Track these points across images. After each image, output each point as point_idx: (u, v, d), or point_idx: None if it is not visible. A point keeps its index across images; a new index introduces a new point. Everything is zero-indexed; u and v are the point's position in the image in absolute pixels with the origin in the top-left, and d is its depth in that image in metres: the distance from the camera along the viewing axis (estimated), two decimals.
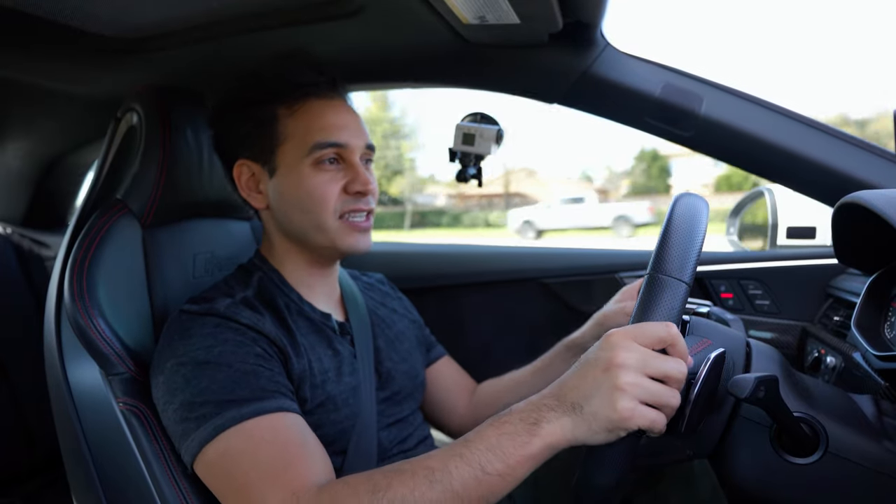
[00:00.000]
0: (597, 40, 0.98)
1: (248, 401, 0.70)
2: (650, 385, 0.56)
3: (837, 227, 0.84)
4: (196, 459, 0.71)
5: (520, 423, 0.59)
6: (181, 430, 0.72)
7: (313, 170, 0.84)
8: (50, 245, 1.66)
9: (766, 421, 0.62)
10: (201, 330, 0.76)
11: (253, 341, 0.76)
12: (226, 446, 0.68)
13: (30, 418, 1.54)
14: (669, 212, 0.63)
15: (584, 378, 0.58)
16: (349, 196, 0.86)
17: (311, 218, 0.85)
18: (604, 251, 1.46)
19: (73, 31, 0.85)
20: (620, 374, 0.56)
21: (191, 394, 0.71)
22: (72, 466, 0.84)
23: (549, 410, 0.59)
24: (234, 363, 0.73)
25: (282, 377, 0.77)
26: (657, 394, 0.56)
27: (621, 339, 0.58)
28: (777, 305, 1.21)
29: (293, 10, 0.85)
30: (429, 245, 1.71)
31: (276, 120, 0.86)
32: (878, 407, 0.67)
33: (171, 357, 0.75)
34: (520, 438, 0.59)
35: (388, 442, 0.90)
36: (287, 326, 0.83)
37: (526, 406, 0.61)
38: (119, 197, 0.91)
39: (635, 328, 0.58)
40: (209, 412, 0.70)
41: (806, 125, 0.98)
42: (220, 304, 0.79)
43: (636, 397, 0.55)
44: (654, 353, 0.57)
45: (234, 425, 0.69)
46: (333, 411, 0.82)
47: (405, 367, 0.98)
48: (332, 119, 0.86)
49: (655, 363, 0.56)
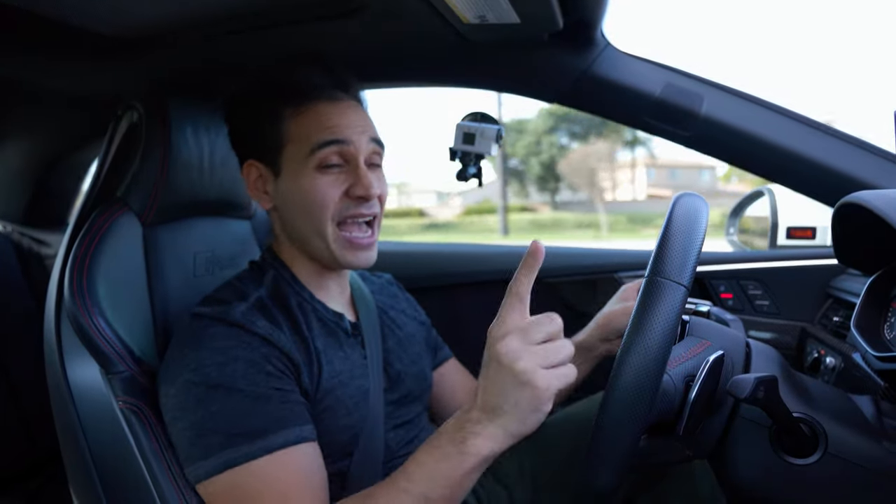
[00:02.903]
0: (597, 40, 0.98)
1: (258, 436, 0.70)
2: (543, 349, 0.60)
3: (837, 227, 0.84)
4: (201, 485, 0.72)
5: (449, 444, 0.63)
6: (188, 452, 0.72)
7: (316, 172, 0.83)
8: (50, 243, 1.66)
9: (766, 421, 0.62)
10: (212, 343, 0.74)
11: (265, 359, 0.75)
12: (232, 482, 0.70)
13: (30, 417, 1.54)
14: (669, 213, 0.62)
15: (490, 380, 0.61)
16: (351, 200, 0.84)
17: (311, 222, 0.84)
18: (604, 251, 1.46)
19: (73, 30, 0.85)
20: (514, 359, 0.59)
21: (201, 417, 0.71)
22: (72, 465, 0.84)
23: (475, 424, 0.62)
24: (245, 388, 0.72)
25: (295, 395, 0.76)
26: (552, 353, 0.60)
27: (494, 332, 0.61)
28: (777, 306, 1.21)
29: (293, 10, 0.85)
30: (429, 244, 1.71)
31: (282, 121, 0.85)
32: (877, 407, 0.67)
33: (183, 370, 0.74)
34: (453, 460, 0.62)
35: (395, 444, 0.90)
36: (301, 334, 0.81)
37: (453, 425, 0.64)
38: (119, 195, 0.91)
39: (497, 323, 0.62)
40: (218, 443, 0.70)
41: (806, 125, 0.98)
42: (235, 310, 0.78)
43: (538, 365, 0.59)
44: (528, 323, 0.61)
45: (241, 465, 0.69)
46: (344, 416, 0.82)
47: (415, 369, 0.98)
48: (336, 119, 0.84)
49: (534, 330, 0.60)
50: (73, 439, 0.82)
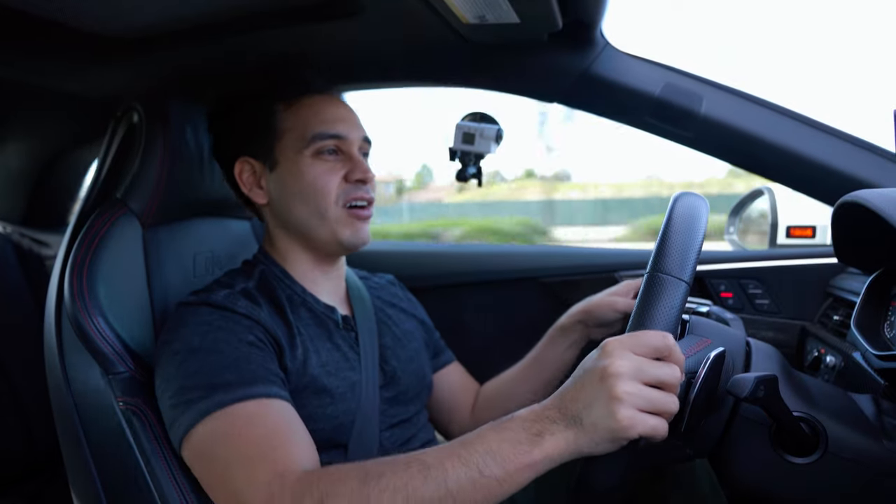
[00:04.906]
0: (596, 40, 0.98)
1: (236, 385, 0.70)
2: (647, 392, 0.56)
3: (837, 226, 0.84)
4: (183, 444, 0.71)
5: (522, 431, 0.59)
6: (171, 415, 0.72)
7: (313, 160, 0.86)
8: (50, 244, 1.65)
9: (766, 420, 0.62)
10: (196, 319, 0.76)
11: (247, 329, 0.76)
12: (212, 429, 0.68)
13: (30, 418, 1.54)
14: (669, 211, 0.63)
15: (582, 389, 0.59)
16: (349, 184, 0.87)
17: (313, 208, 0.86)
18: (604, 251, 1.46)
19: (72, 31, 0.85)
20: (617, 383, 0.56)
21: (182, 378, 0.72)
22: (72, 466, 0.84)
23: (552, 423, 0.59)
24: (225, 349, 0.73)
25: (273, 365, 0.76)
26: (655, 400, 0.56)
27: (617, 347, 0.58)
28: (777, 305, 1.21)
29: (293, 10, 0.85)
30: (428, 244, 1.72)
31: (275, 115, 0.88)
32: (877, 406, 0.67)
33: (166, 347, 0.75)
34: (521, 447, 0.59)
35: (389, 444, 0.89)
36: (285, 318, 0.83)
37: (529, 415, 0.61)
38: (119, 196, 0.91)
39: (631, 337, 0.58)
40: (197, 396, 0.70)
41: (806, 125, 0.98)
42: (218, 294, 0.80)
43: (634, 405, 0.55)
44: (650, 361, 0.57)
45: (221, 409, 0.68)
46: (330, 405, 0.82)
47: (412, 367, 0.98)
48: (332, 112, 0.88)
49: (651, 370, 0.57)
50: (74, 440, 0.82)
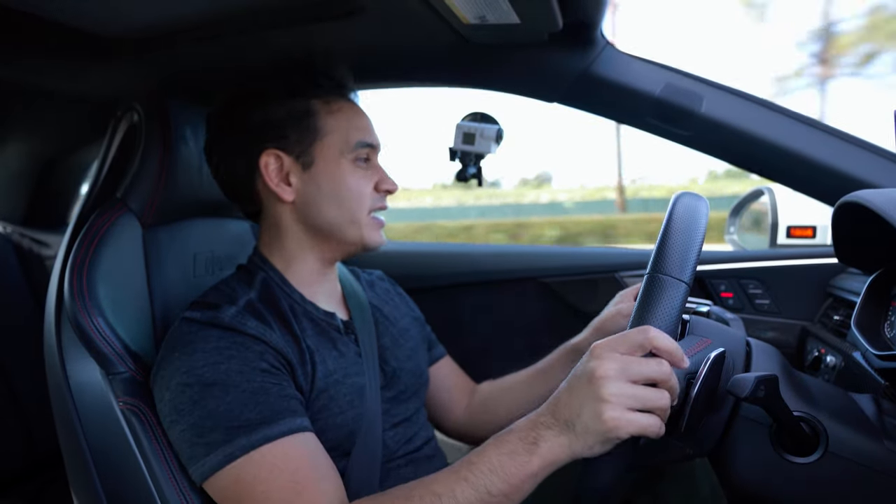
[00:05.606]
0: (597, 40, 0.98)
1: (257, 424, 0.70)
2: (636, 391, 0.57)
3: (837, 226, 0.84)
4: (206, 482, 0.72)
5: (519, 442, 0.61)
6: (189, 452, 0.72)
7: (352, 167, 0.87)
8: (50, 244, 1.65)
9: (766, 420, 0.62)
10: (205, 345, 0.74)
11: (259, 356, 0.75)
12: (237, 475, 0.69)
13: (30, 418, 1.54)
14: (669, 211, 0.63)
15: (572, 394, 0.60)
16: (378, 194, 0.90)
17: (346, 212, 0.87)
18: (604, 250, 1.46)
19: (72, 32, 0.85)
20: (603, 384, 0.57)
21: (199, 416, 0.71)
22: (72, 466, 0.84)
23: (546, 429, 0.61)
24: (240, 383, 0.72)
25: (290, 388, 0.76)
26: (644, 398, 0.57)
27: (604, 349, 0.59)
28: (777, 305, 1.21)
29: (292, 10, 0.85)
30: (428, 244, 1.72)
31: (314, 114, 0.87)
32: (878, 406, 0.67)
33: (175, 374, 0.74)
34: (520, 457, 0.60)
35: (393, 443, 0.89)
36: (293, 333, 0.81)
37: (525, 424, 0.63)
38: (119, 196, 0.91)
39: (616, 338, 0.60)
40: (218, 439, 0.70)
41: (806, 125, 0.98)
42: (225, 313, 0.78)
43: (623, 406, 0.56)
44: (635, 359, 0.58)
45: (245, 454, 0.69)
46: (339, 414, 0.82)
47: (411, 364, 0.98)
48: (365, 120, 0.91)
49: (637, 368, 0.57)
50: (74, 440, 0.82)
